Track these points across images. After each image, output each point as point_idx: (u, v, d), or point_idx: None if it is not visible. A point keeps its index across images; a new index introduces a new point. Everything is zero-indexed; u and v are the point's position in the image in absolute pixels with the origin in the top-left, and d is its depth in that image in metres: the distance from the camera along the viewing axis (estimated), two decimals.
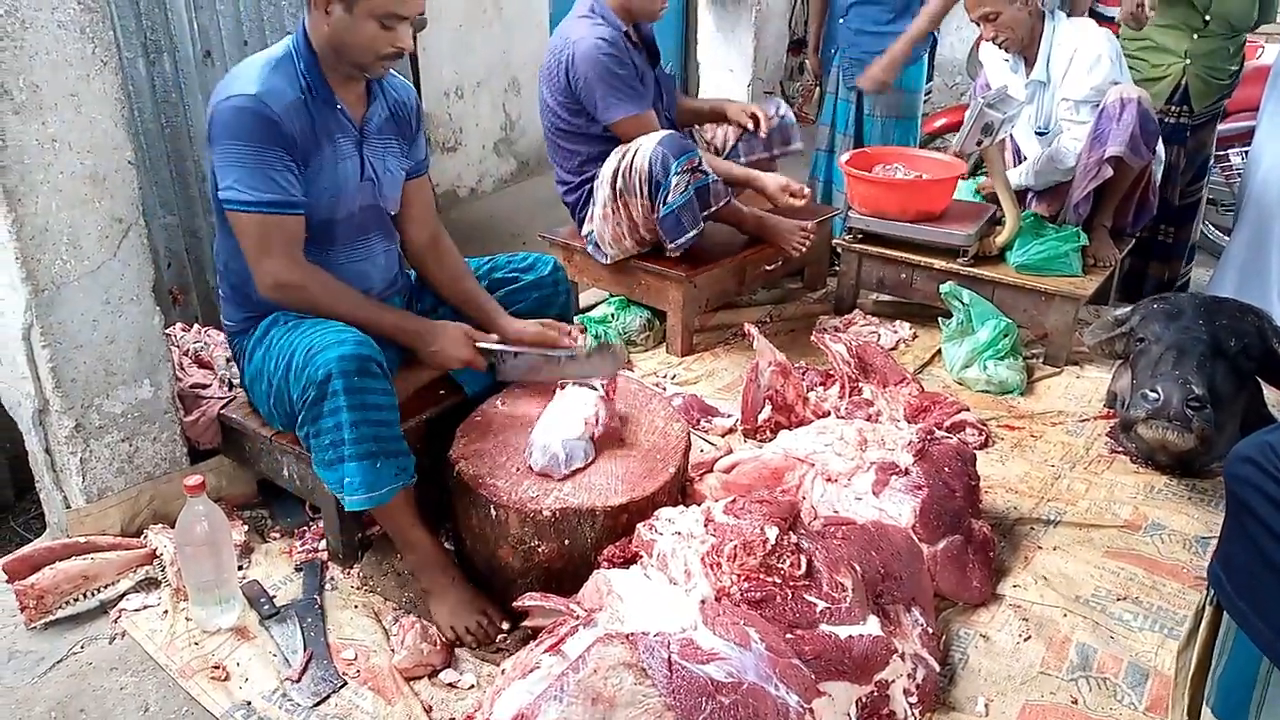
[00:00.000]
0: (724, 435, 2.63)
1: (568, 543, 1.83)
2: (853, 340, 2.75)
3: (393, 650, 1.81)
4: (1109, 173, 2.94)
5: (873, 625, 1.66)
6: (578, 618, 1.59)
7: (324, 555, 2.10)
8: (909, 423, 2.43)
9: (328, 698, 1.73)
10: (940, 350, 3.05)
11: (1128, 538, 2.20)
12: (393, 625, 1.89)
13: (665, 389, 2.85)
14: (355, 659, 1.82)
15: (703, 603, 1.56)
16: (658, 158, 2.74)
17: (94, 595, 1.96)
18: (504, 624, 1.88)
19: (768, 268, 3.26)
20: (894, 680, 1.64)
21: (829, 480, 2.07)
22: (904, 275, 3.21)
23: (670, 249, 2.89)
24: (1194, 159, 3.43)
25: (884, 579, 1.78)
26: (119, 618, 1.93)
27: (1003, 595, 2.00)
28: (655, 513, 1.81)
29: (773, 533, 1.66)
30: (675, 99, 3.20)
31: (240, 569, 2.04)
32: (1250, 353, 2.37)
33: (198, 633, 1.87)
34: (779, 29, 4.89)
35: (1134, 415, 2.30)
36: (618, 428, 2.02)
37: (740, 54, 4.72)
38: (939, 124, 4.59)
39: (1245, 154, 3.56)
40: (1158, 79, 3.29)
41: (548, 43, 2.97)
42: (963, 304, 2.96)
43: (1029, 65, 3.11)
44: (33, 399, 1.94)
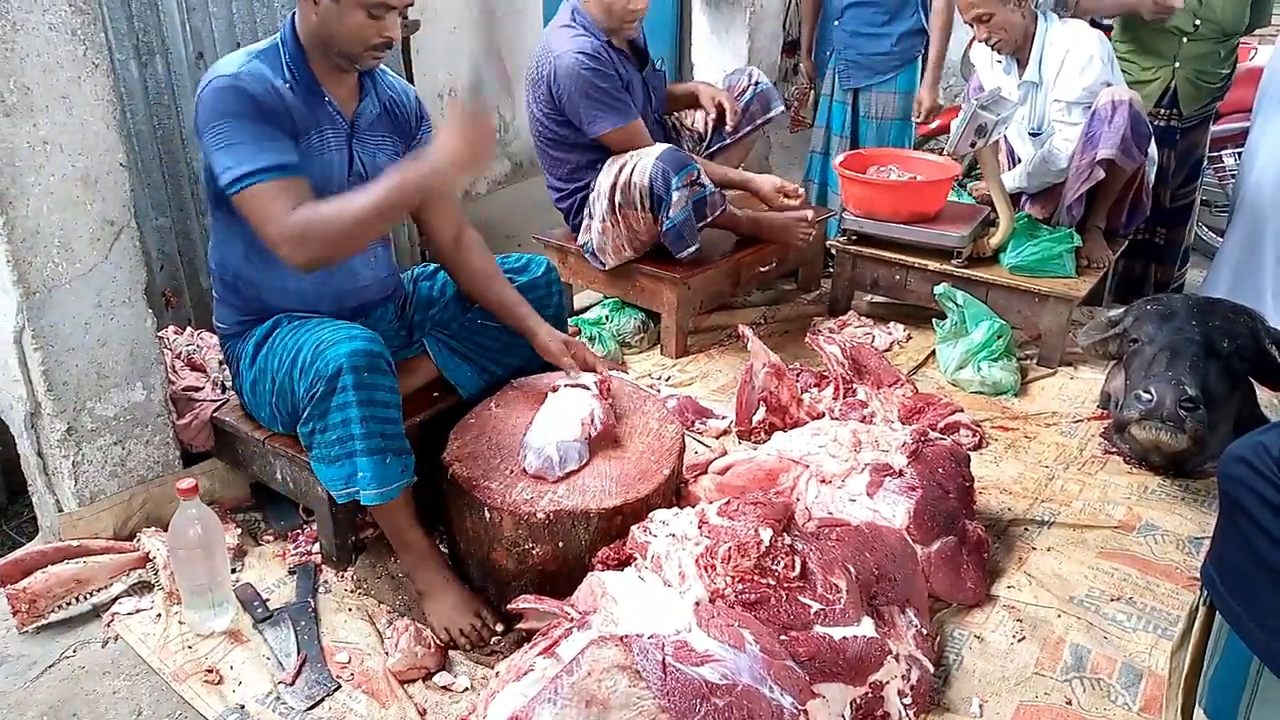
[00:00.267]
0: (718, 437, 2.63)
1: (562, 545, 1.83)
2: (847, 342, 2.76)
3: (387, 653, 1.81)
4: (1101, 175, 2.95)
5: (867, 627, 1.66)
6: (572, 620, 1.58)
7: (317, 558, 2.10)
8: (903, 424, 2.44)
9: (321, 701, 1.72)
10: (934, 351, 3.06)
11: (1121, 538, 2.20)
12: (387, 628, 1.89)
13: (660, 391, 2.85)
14: (349, 662, 1.81)
15: (697, 605, 1.56)
16: (658, 174, 2.73)
17: (86, 599, 1.95)
18: (498, 626, 1.88)
19: (762, 269, 3.26)
20: (888, 681, 1.64)
21: (823, 482, 2.07)
22: (898, 277, 3.22)
23: (679, 258, 2.92)
24: (1185, 161, 3.44)
25: (878, 580, 1.78)
26: (112, 621, 1.92)
27: (997, 596, 2.01)
28: (650, 515, 1.80)
29: (767, 534, 1.65)
30: (663, 99, 3.18)
31: (233, 572, 2.04)
32: (1243, 353, 2.37)
33: (191, 636, 1.87)
34: (773, 30, 4.88)
35: (1127, 416, 2.30)
36: (613, 426, 2.02)
37: (735, 56, 4.72)
38: (934, 125, 4.60)
39: (1239, 155, 3.57)
40: (1147, 82, 3.30)
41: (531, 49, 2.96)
42: (957, 305, 2.96)
43: (1021, 66, 3.11)
44: (24, 402, 1.93)
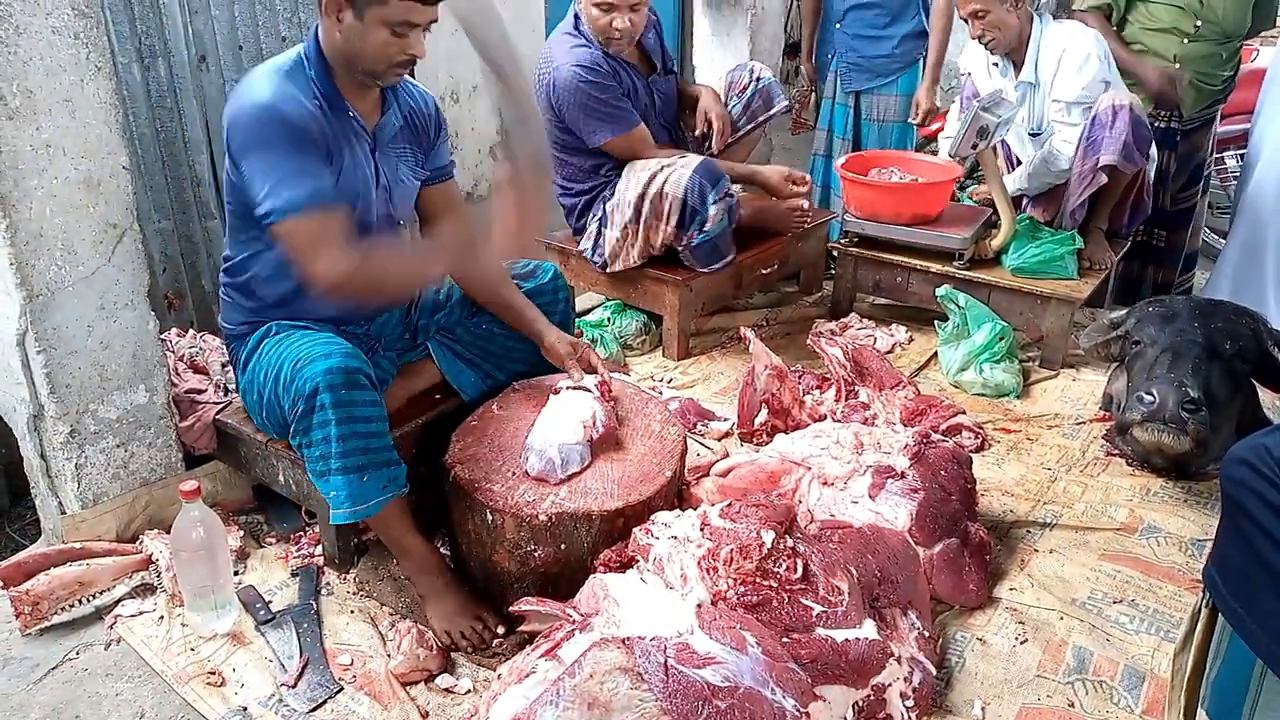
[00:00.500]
0: (720, 439, 2.63)
1: (564, 547, 1.83)
2: (849, 344, 2.75)
3: (389, 655, 1.81)
4: (1103, 180, 2.95)
5: (869, 629, 1.66)
6: (574, 622, 1.58)
7: (320, 560, 2.10)
8: (905, 426, 2.43)
9: (324, 703, 1.72)
10: (936, 353, 3.05)
11: (1124, 540, 2.20)
12: (389, 630, 1.89)
13: (661, 393, 2.85)
14: (351, 664, 1.81)
15: (699, 607, 1.56)
16: (694, 187, 2.73)
17: (89, 601, 1.95)
18: (500, 628, 1.88)
19: (764, 271, 3.26)
20: (890, 684, 1.64)
21: (825, 484, 2.07)
22: (900, 279, 3.21)
23: (704, 272, 2.94)
24: (1187, 164, 3.43)
25: (880, 582, 1.78)
26: (114, 624, 1.92)
27: (999, 598, 2.01)
28: (651, 517, 1.80)
29: (769, 536, 1.65)
30: (673, 104, 3.15)
31: (236, 574, 2.04)
32: (1245, 355, 2.37)
33: (193, 638, 1.87)
34: (775, 33, 4.89)
35: (1130, 418, 2.30)
36: (615, 428, 2.02)
37: (736, 58, 4.72)
38: (935, 127, 4.60)
39: (1241, 157, 3.56)
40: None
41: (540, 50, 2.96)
42: (959, 307, 2.96)
43: (1017, 68, 3.11)
44: (27, 404, 1.94)
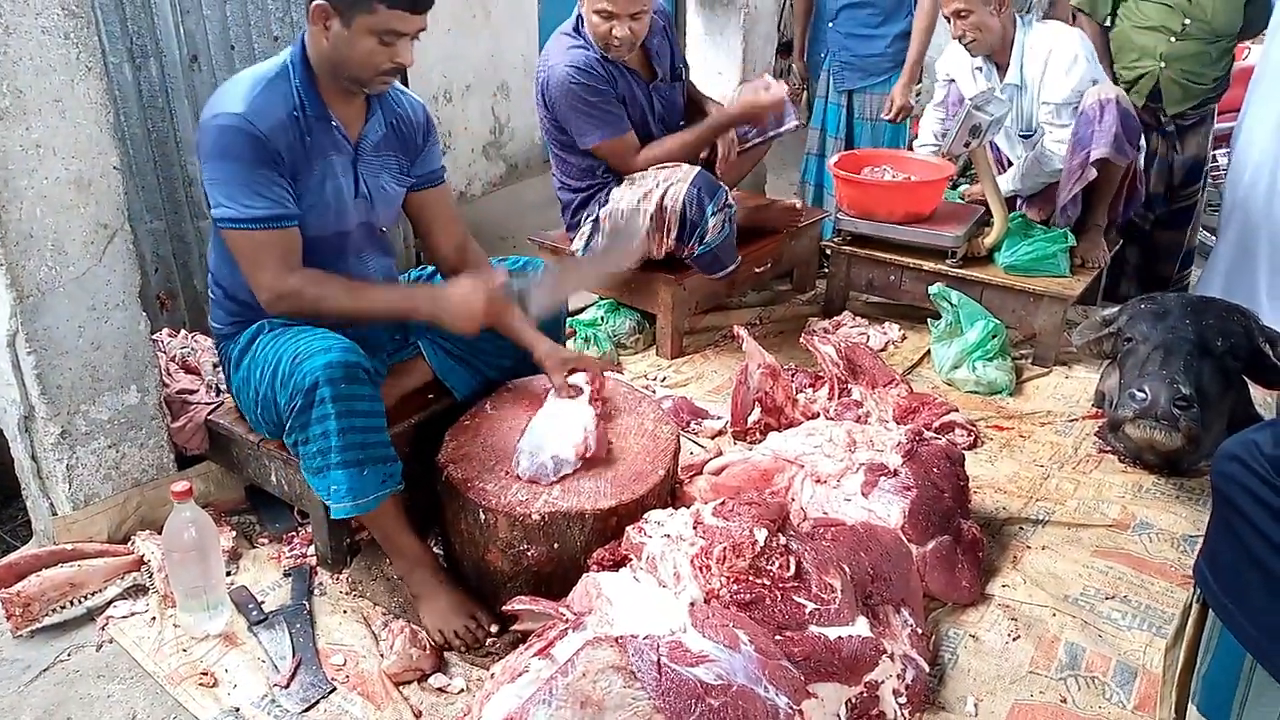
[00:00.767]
0: (713, 437, 2.63)
1: (557, 546, 1.83)
2: (842, 342, 2.76)
3: (382, 655, 1.81)
4: (1093, 174, 2.96)
5: (862, 626, 1.66)
6: (567, 621, 1.59)
7: (312, 560, 2.10)
8: (898, 424, 2.44)
9: (317, 703, 1.72)
10: (929, 351, 3.06)
11: (1116, 537, 2.21)
12: (382, 630, 1.89)
13: (655, 391, 2.86)
14: (344, 664, 1.81)
15: (692, 605, 1.56)
16: (693, 199, 2.74)
17: (81, 602, 1.95)
18: (493, 627, 1.87)
19: (757, 270, 3.26)
20: (883, 681, 1.64)
21: (818, 482, 2.07)
22: (893, 277, 3.22)
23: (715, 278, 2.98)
24: (1185, 163, 3.43)
25: (873, 580, 1.78)
26: (106, 625, 1.92)
27: (992, 595, 2.01)
28: (644, 515, 1.81)
29: (762, 534, 1.66)
30: (678, 110, 3.12)
31: (228, 575, 2.03)
32: (1237, 352, 2.38)
33: (185, 639, 1.87)
34: (768, 32, 4.89)
35: (1122, 415, 2.31)
36: (608, 446, 2.00)
37: (729, 57, 4.72)
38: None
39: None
40: (1133, 80, 3.30)
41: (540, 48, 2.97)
42: (951, 305, 2.96)
43: (1001, 70, 3.11)
44: (18, 405, 1.93)
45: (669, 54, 3.03)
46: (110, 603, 1.96)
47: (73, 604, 1.94)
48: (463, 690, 1.76)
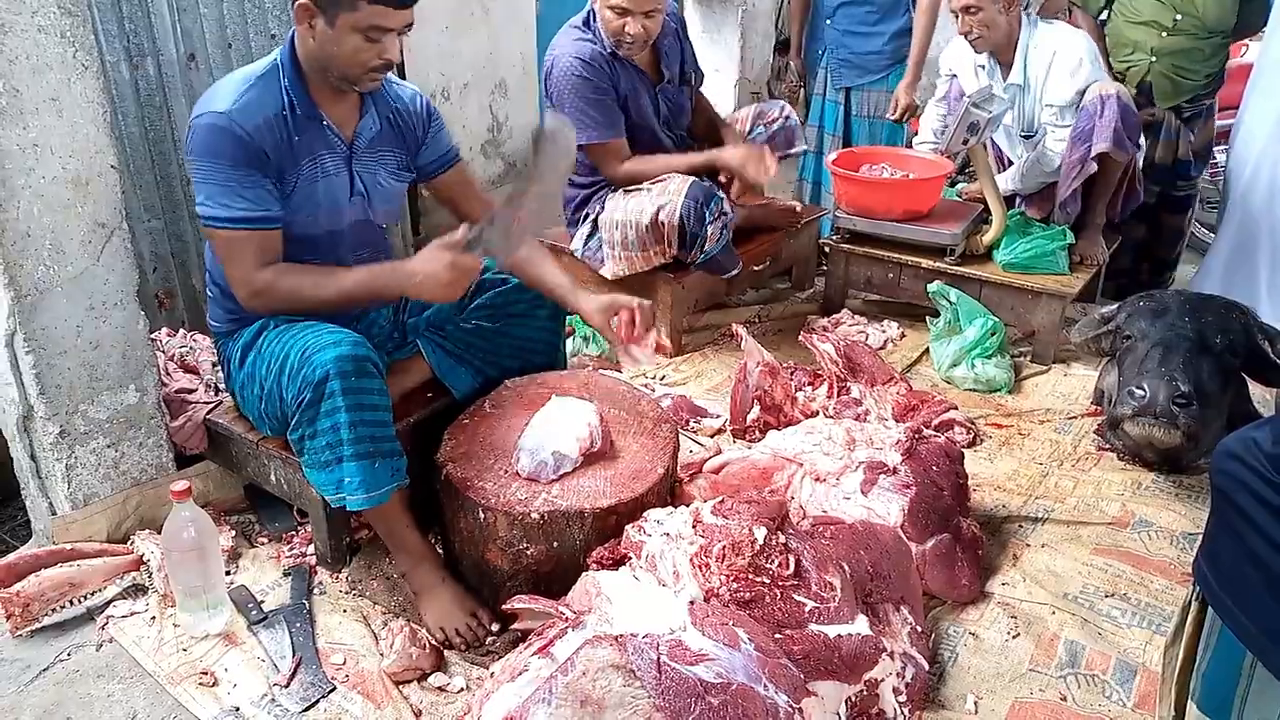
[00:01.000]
0: (713, 436, 2.63)
1: (556, 545, 1.83)
2: (841, 340, 2.75)
3: (382, 654, 1.81)
4: (1093, 169, 2.96)
5: (861, 624, 1.66)
6: (566, 620, 1.58)
7: (312, 560, 2.09)
8: (897, 422, 2.44)
9: (317, 703, 1.72)
10: (928, 349, 3.06)
11: (1115, 534, 2.21)
12: (382, 629, 1.88)
13: (654, 390, 2.85)
14: (344, 663, 1.81)
15: (691, 604, 1.56)
16: (690, 211, 2.74)
17: (80, 602, 1.95)
18: (493, 626, 1.88)
19: (756, 268, 3.26)
20: (883, 679, 1.64)
21: (817, 480, 2.07)
22: (891, 274, 3.22)
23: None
24: (1187, 156, 3.43)
25: (873, 578, 1.78)
26: (106, 624, 1.91)
27: (991, 593, 2.01)
28: (644, 514, 1.81)
29: (761, 533, 1.66)
30: (684, 114, 3.12)
31: (228, 574, 2.03)
32: (1236, 349, 2.38)
33: (185, 639, 1.87)
34: (765, 29, 4.88)
35: (1121, 412, 2.31)
36: (611, 441, 2.00)
37: (727, 54, 4.72)
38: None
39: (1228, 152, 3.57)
40: (1123, 74, 3.30)
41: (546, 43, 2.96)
42: (950, 303, 2.96)
43: (1005, 69, 3.11)
44: (17, 405, 1.93)
45: (679, 57, 3.02)
46: (110, 602, 1.96)
47: (72, 604, 1.94)
48: (462, 689, 1.76)
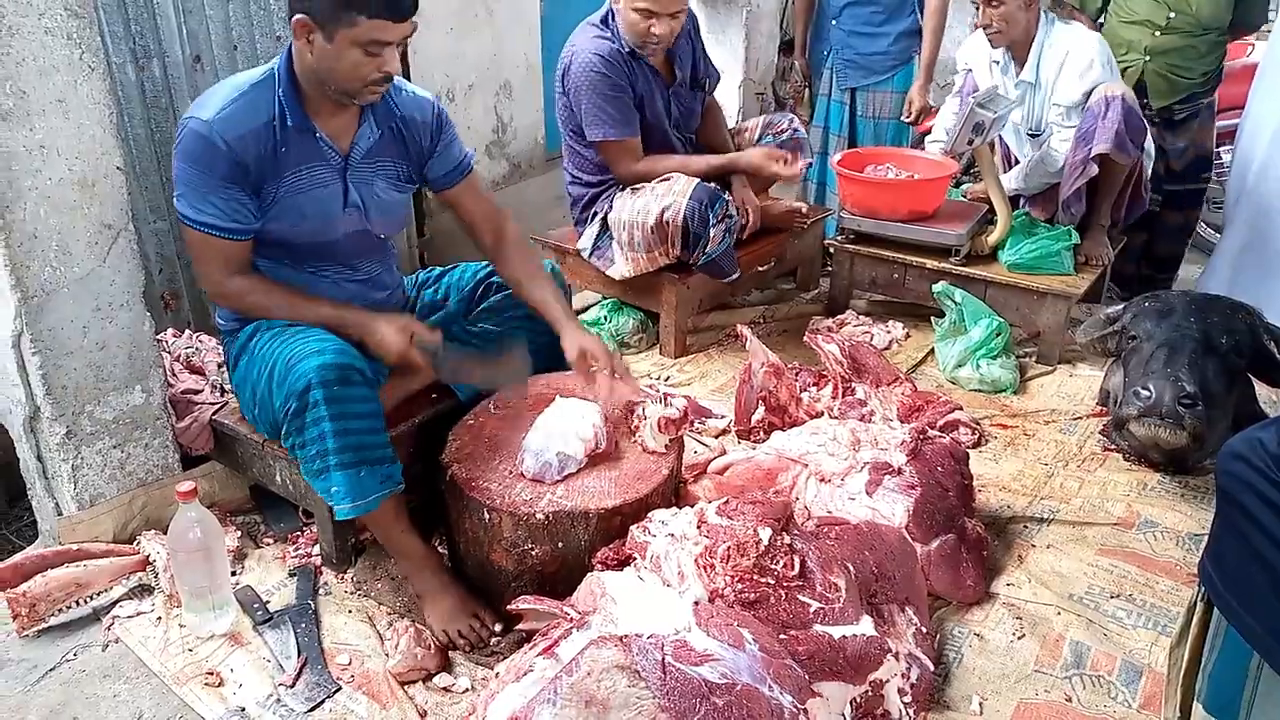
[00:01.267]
0: (717, 436, 2.63)
1: (561, 545, 1.83)
2: (845, 340, 2.75)
3: (387, 655, 1.81)
4: (1094, 170, 2.95)
5: (866, 625, 1.66)
6: (571, 620, 1.58)
7: (317, 560, 2.10)
8: (902, 422, 2.44)
9: (322, 703, 1.72)
10: (933, 350, 3.06)
11: (1121, 535, 2.20)
12: (387, 630, 1.89)
13: (658, 390, 2.85)
14: (349, 664, 1.81)
15: (696, 604, 1.56)
16: (694, 213, 2.75)
17: (87, 602, 1.95)
18: (498, 627, 1.88)
19: (760, 269, 3.26)
20: (888, 680, 1.64)
21: (822, 480, 2.07)
22: (896, 275, 3.22)
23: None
24: (1178, 151, 3.42)
25: (878, 579, 1.78)
26: (112, 625, 1.92)
27: (996, 594, 2.01)
28: (649, 515, 1.81)
29: (766, 534, 1.66)
30: (694, 116, 3.12)
31: (233, 575, 2.04)
32: (1241, 350, 2.37)
33: (191, 639, 1.87)
34: (770, 30, 4.89)
35: (1126, 413, 2.31)
36: (616, 442, 2.00)
37: (732, 55, 4.73)
38: (931, 124, 4.60)
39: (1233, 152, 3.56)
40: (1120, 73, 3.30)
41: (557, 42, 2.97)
42: (955, 303, 2.96)
43: (1019, 65, 3.11)
44: (23, 406, 1.93)
45: (691, 58, 3.03)
46: (116, 603, 1.97)
47: (78, 604, 1.95)
48: (468, 690, 1.76)
